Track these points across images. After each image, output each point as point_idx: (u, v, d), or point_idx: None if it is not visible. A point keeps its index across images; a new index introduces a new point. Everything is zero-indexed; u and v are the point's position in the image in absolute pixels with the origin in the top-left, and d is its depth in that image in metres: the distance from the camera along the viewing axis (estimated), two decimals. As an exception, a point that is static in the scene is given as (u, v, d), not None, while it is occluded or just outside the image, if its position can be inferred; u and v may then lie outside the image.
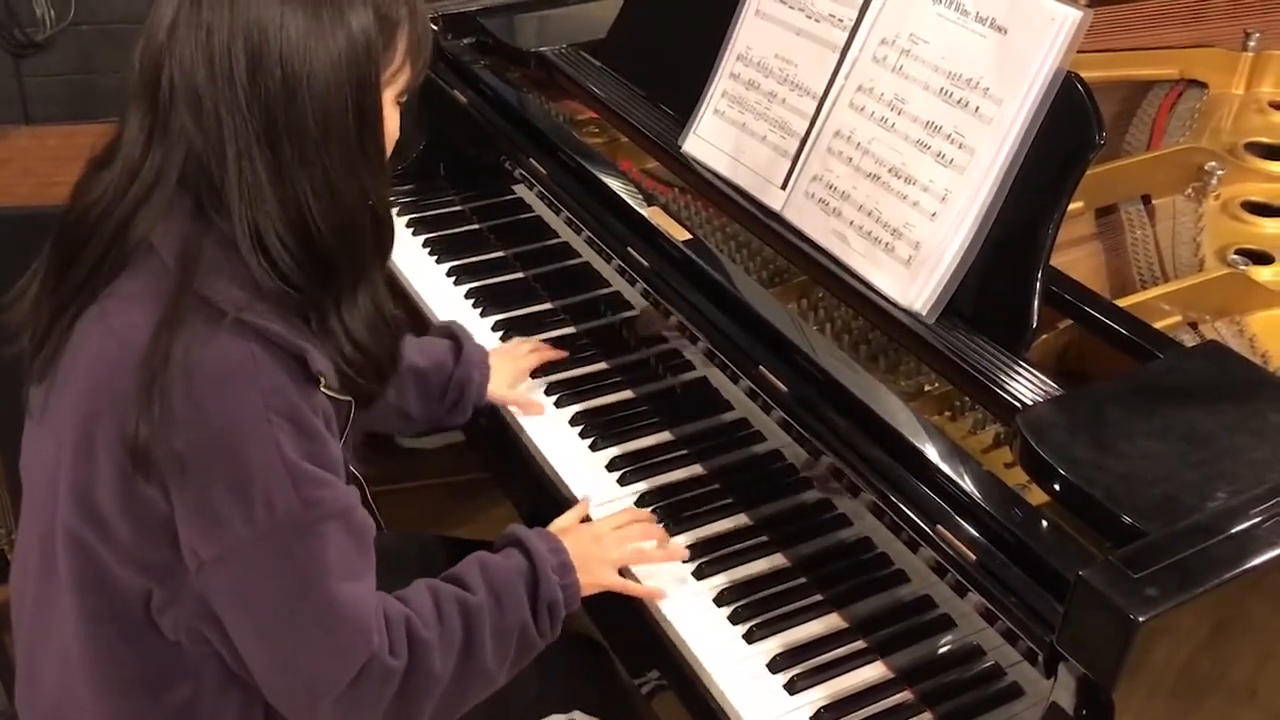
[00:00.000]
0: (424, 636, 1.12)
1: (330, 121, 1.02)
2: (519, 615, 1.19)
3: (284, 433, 1.01)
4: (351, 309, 1.09)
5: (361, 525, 1.09)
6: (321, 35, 1.01)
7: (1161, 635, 0.93)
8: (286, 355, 1.02)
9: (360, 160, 1.05)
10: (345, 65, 1.02)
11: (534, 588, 1.21)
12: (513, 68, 1.90)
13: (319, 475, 1.04)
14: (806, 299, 1.48)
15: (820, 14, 1.44)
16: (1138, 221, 1.58)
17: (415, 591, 1.17)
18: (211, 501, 1.00)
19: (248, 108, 1.00)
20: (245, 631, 1.07)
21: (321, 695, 1.07)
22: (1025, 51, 1.22)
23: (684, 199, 1.66)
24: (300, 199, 1.02)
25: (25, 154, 2.24)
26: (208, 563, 1.03)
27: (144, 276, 1.04)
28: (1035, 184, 1.23)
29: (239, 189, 1.01)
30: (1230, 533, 0.97)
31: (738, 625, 1.26)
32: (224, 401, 0.99)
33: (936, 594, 1.16)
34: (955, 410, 1.31)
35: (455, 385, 1.50)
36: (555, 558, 1.24)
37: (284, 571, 1.04)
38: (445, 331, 1.56)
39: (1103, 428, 1.09)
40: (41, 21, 2.34)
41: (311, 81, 1.00)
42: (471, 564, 1.22)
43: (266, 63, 0.99)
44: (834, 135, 1.39)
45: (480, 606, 1.17)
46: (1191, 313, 1.39)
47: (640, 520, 1.36)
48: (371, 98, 1.05)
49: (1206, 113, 1.80)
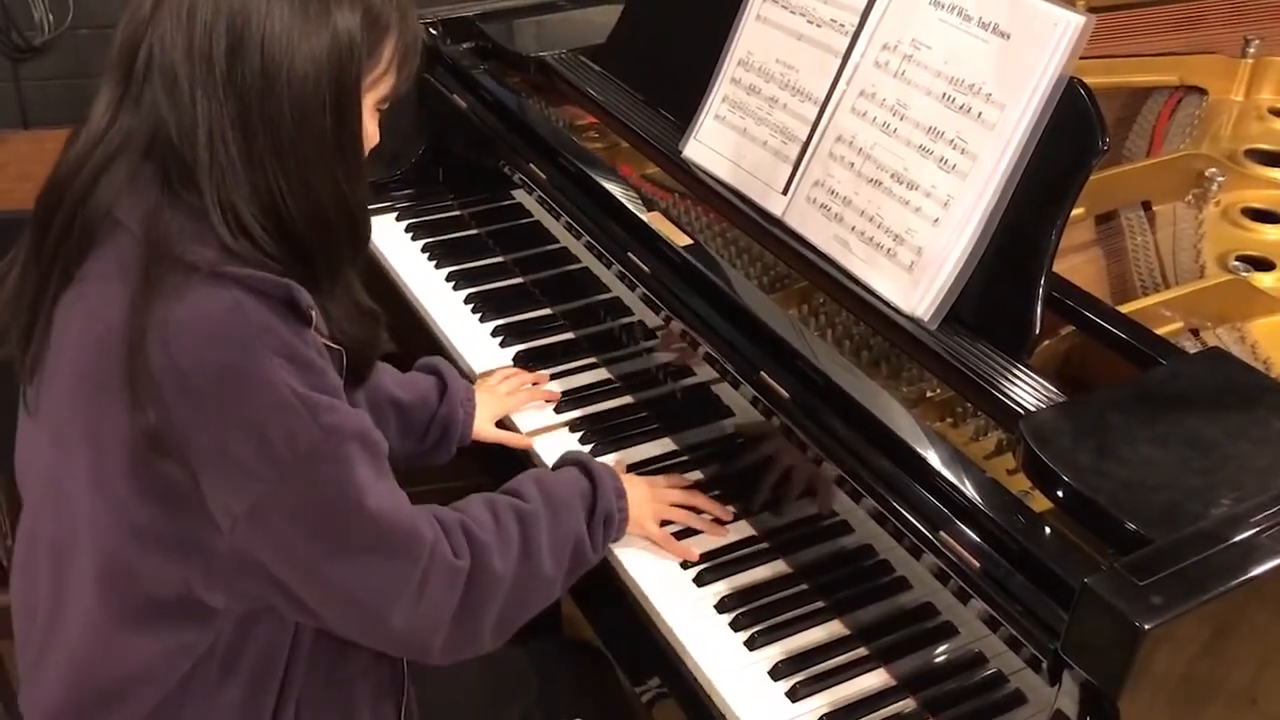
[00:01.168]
0: (482, 539, 1.15)
1: (306, 114, 1.02)
2: (574, 525, 1.23)
3: (285, 370, 1.00)
4: (327, 299, 1.09)
5: (377, 441, 1.09)
6: (306, 29, 1.01)
7: (1167, 643, 0.93)
8: (270, 297, 1.01)
9: (335, 156, 1.05)
10: (326, 62, 1.02)
11: (592, 501, 1.26)
12: (512, 72, 1.89)
13: (330, 402, 1.03)
14: (808, 305, 1.48)
15: (822, 19, 1.44)
16: (1138, 228, 1.58)
17: (468, 501, 1.20)
18: (234, 455, 1.00)
19: (224, 91, 1.00)
20: (298, 573, 1.06)
21: (393, 608, 1.08)
22: (1028, 57, 1.22)
23: (684, 204, 1.66)
24: (272, 185, 1.02)
25: (23, 158, 2.24)
26: (243, 516, 1.02)
27: (113, 253, 1.03)
28: (1038, 190, 1.23)
29: (210, 170, 1.01)
30: (1235, 540, 0.97)
31: (739, 632, 1.26)
32: (220, 355, 0.98)
33: (939, 601, 1.16)
34: (957, 416, 1.31)
35: (439, 423, 1.47)
36: (612, 480, 1.29)
37: (320, 502, 1.04)
38: (430, 367, 1.52)
39: (1106, 434, 1.09)
40: (40, 25, 2.34)
41: (290, 73, 1.00)
42: (526, 477, 1.26)
43: (247, 49, 0.99)
44: (836, 140, 1.39)
45: (536, 514, 1.20)
46: (1193, 319, 1.39)
47: (687, 487, 1.38)
48: (350, 98, 1.05)
49: (1206, 119, 1.80)
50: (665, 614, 1.28)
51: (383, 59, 1.08)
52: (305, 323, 1.04)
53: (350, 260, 1.12)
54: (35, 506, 1.15)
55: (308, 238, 1.05)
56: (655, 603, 1.29)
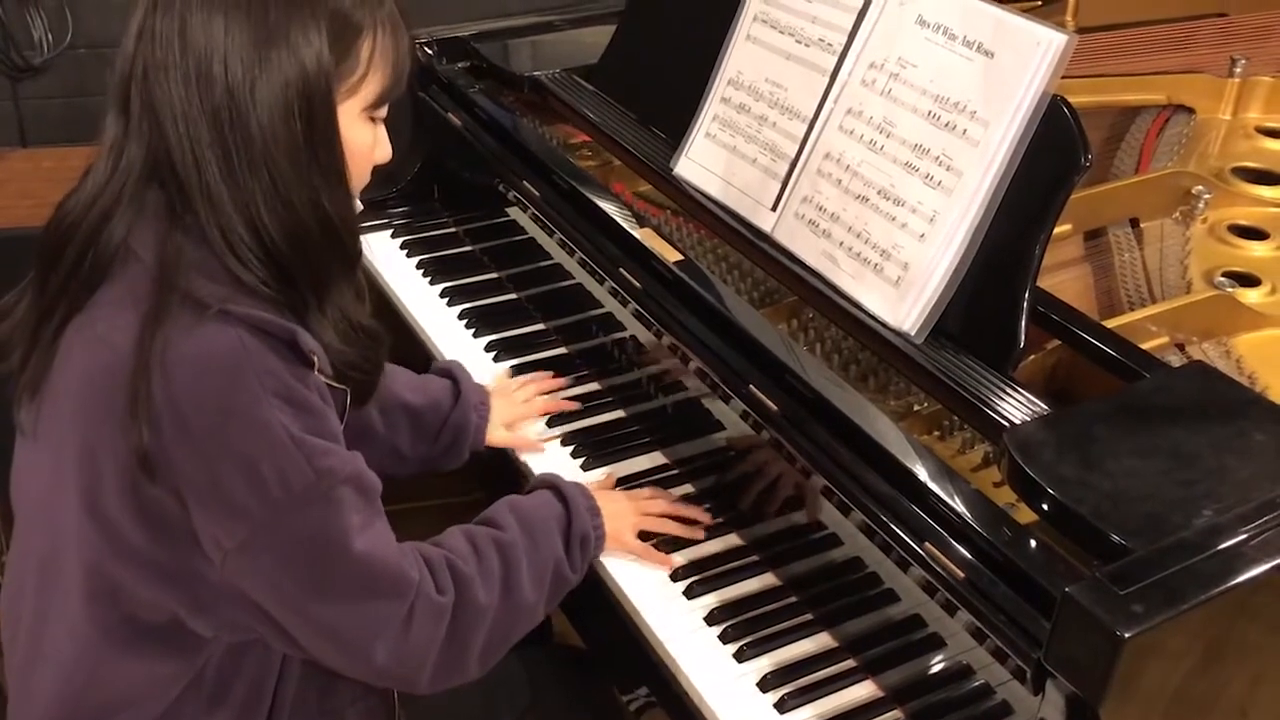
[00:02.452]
0: (466, 573, 1.16)
1: (275, 129, 1.03)
2: (553, 550, 1.24)
3: (284, 413, 1.01)
4: (319, 318, 1.09)
5: (371, 483, 1.11)
6: (267, 49, 1.02)
7: (1148, 652, 0.94)
8: (275, 339, 1.03)
9: (312, 170, 1.05)
10: (294, 74, 1.03)
11: (567, 524, 1.26)
12: (507, 91, 1.91)
13: (326, 446, 1.05)
14: (797, 319, 1.49)
15: (810, 39, 1.45)
16: (1126, 244, 1.59)
17: (448, 535, 1.21)
18: (226, 490, 1.01)
19: (198, 115, 1.01)
20: (286, 608, 1.08)
21: (376, 644, 1.09)
22: (1012, 75, 1.24)
23: (676, 221, 1.67)
24: (251, 205, 1.03)
25: (21, 176, 2.25)
26: (233, 551, 1.03)
27: (126, 281, 1.04)
28: (1022, 206, 1.24)
29: (200, 193, 1.03)
30: (1216, 550, 0.98)
31: (728, 644, 1.26)
32: (219, 391, 1.00)
33: (926, 613, 1.17)
34: (944, 430, 1.32)
35: (451, 427, 1.48)
36: (585, 500, 1.30)
37: (310, 543, 1.05)
38: (444, 371, 1.54)
39: (1090, 446, 1.10)
40: (39, 45, 2.36)
41: (255, 91, 1.02)
42: (501, 506, 1.26)
43: (212, 73, 1.01)
44: (824, 157, 1.41)
45: (514, 543, 1.21)
46: (1179, 334, 1.40)
47: (665, 498, 1.39)
48: (323, 108, 1.05)
49: (1194, 137, 1.82)
50: (655, 626, 1.29)
51: (360, 60, 1.07)
52: (308, 365, 1.05)
53: (340, 277, 1.11)
54: (26, 525, 1.16)
55: (291, 256, 1.05)
56: (645, 615, 1.30)
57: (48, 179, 2.22)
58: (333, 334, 1.10)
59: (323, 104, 1.05)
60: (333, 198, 1.07)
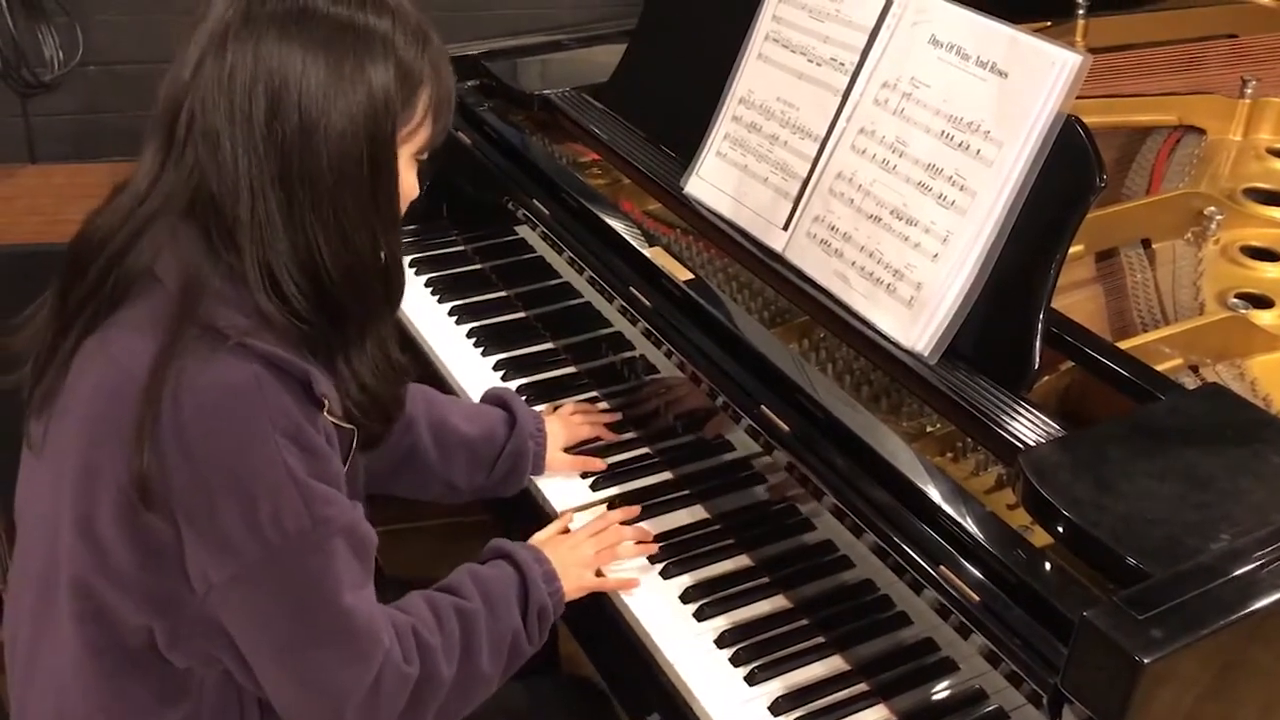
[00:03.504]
0: (431, 643, 1.15)
1: (345, 169, 1.03)
2: (511, 622, 1.23)
3: (289, 453, 1.01)
4: (359, 354, 1.10)
5: (365, 537, 1.10)
6: (341, 87, 1.02)
7: (1166, 678, 0.93)
8: (290, 378, 1.03)
9: (372, 210, 1.06)
10: (363, 117, 1.03)
11: (524, 595, 1.25)
12: (516, 110, 1.91)
13: (326, 492, 1.04)
14: (808, 339, 1.48)
15: (822, 58, 1.45)
16: (1138, 265, 1.59)
17: (411, 602, 1.19)
18: (221, 523, 1.00)
19: (264, 150, 1.01)
20: (262, 651, 1.07)
21: (344, 704, 1.08)
22: (1025, 95, 1.23)
23: (686, 240, 1.67)
24: (311, 242, 1.03)
25: (31, 192, 2.25)
26: (219, 585, 1.03)
27: (147, 306, 1.04)
28: (1036, 226, 1.24)
29: (250, 228, 1.02)
30: (1235, 574, 0.97)
31: (739, 667, 1.25)
32: (229, 423, 0.99)
33: (940, 636, 1.16)
34: (957, 451, 1.31)
35: (508, 457, 1.46)
36: (540, 566, 1.28)
37: (297, 588, 1.04)
38: (497, 399, 1.52)
39: (1105, 469, 1.09)
40: (50, 62, 2.36)
41: (328, 130, 1.02)
42: (462, 574, 1.25)
43: (285, 108, 1.01)
44: (835, 177, 1.40)
45: (476, 612, 1.20)
46: (1192, 356, 1.40)
47: (612, 523, 1.39)
48: (387, 152, 1.06)
49: (1205, 158, 1.81)
50: (665, 649, 1.28)
51: (417, 110, 1.09)
52: (318, 407, 1.05)
53: (386, 316, 1.14)
54: (26, 541, 1.15)
55: (345, 293, 1.06)
56: (655, 638, 1.29)
57: (57, 195, 2.22)
58: (370, 371, 1.11)
59: (386, 147, 1.06)
60: (390, 239, 1.09)
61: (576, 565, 1.32)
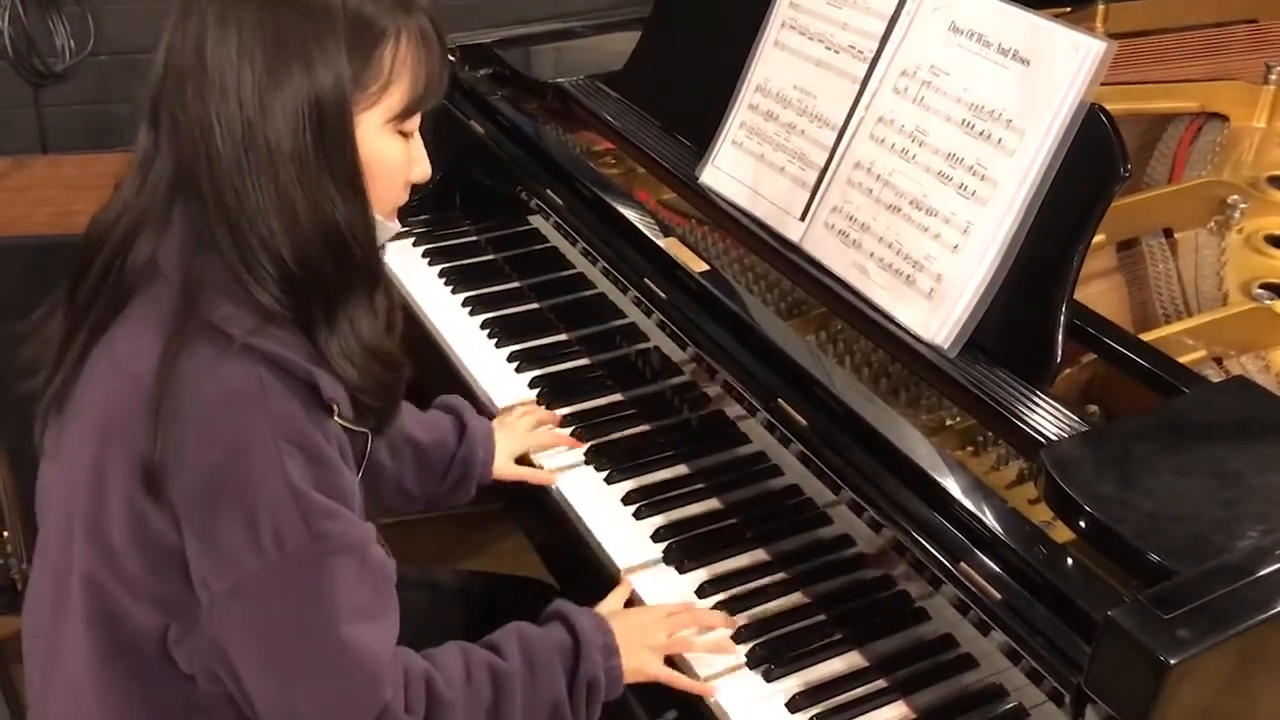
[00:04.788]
0: (446, 696, 1.09)
1: (282, 142, 1.00)
2: (554, 690, 1.15)
3: (293, 460, 0.99)
4: (346, 328, 1.06)
5: (377, 562, 1.06)
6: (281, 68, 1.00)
7: (1192, 678, 0.91)
8: (297, 381, 1.00)
9: (323, 182, 1.02)
10: (304, 91, 1.00)
11: (574, 665, 1.17)
12: (529, 99, 1.90)
13: (329, 506, 1.01)
14: (825, 331, 1.47)
15: (840, 45, 1.43)
16: (1160, 255, 1.57)
17: (445, 651, 1.14)
18: (221, 532, 0.99)
19: (214, 129, 0.99)
20: (253, 671, 1.04)
21: None
22: (1048, 83, 1.21)
23: (701, 230, 1.65)
24: (260, 219, 1.00)
25: (43, 183, 2.25)
26: (219, 596, 1.01)
27: (152, 303, 1.03)
28: (1059, 216, 1.22)
29: (216, 210, 1.01)
30: (1263, 573, 0.95)
31: (757, 664, 1.24)
32: (232, 427, 0.98)
33: (959, 632, 1.14)
34: (978, 445, 1.29)
35: (459, 464, 1.44)
36: (601, 638, 1.20)
37: (292, 608, 1.01)
38: (448, 406, 1.50)
39: (1129, 464, 1.08)
40: (61, 52, 2.35)
41: (265, 107, 0.99)
42: (510, 632, 1.18)
43: (227, 94, 0.99)
44: (854, 166, 1.38)
45: (513, 675, 1.13)
46: (1216, 347, 1.38)
47: (693, 612, 1.28)
48: (336, 119, 1.02)
49: (1228, 146, 1.79)
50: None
51: (382, 69, 1.03)
52: (327, 411, 1.02)
53: (352, 296, 1.06)
54: (43, 542, 1.15)
55: (299, 272, 1.02)
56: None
57: (69, 186, 2.21)
58: (341, 356, 1.05)
59: (336, 113, 1.01)
60: (346, 211, 1.03)
61: (643, 647, 1.22)
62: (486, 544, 2.42)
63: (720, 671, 1.24)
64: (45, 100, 2.40)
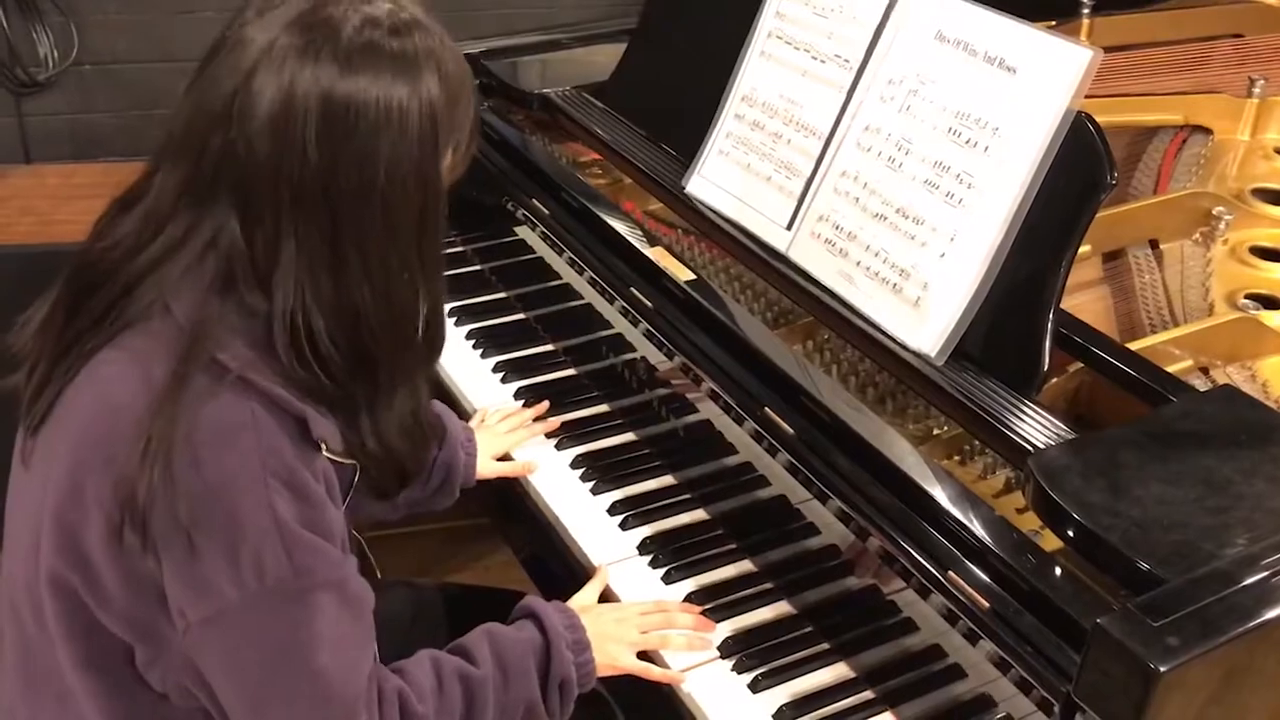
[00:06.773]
0: (418, 711, 1.09)
1: (397, 222, 0.99)
2: (527, 691, 1.16)
3: (280, 496, 0.97)
4: (386, 409, 1.06)
5: (357, 595, 1.05)
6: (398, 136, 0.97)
7: (1181, 685, 0.91)
8: (287, 417, 0.99)
9: (417, 262, 1.02)
10: (415, 167, 0.99)
11: (545, 663, 1.18)
12: (516, 109, 1.89)
13: (313, 542, 1.00)
14: (812, 340, 1.46)
15: (826, 55, 1.43)
16: (1145, 266, 1.57)
17: (415, 663, 1.13)
18: (202, 562, 0.97)
19: (316, 204, 0.96)
20: (231, 698, 1.03)
21: None
22: (1035, 91, 1.21)
23: (688, 240, 1.65)
24: (357, 299, 0.99)
25: (25, 193, 2.23)
26: (195, 625, 0.99)
27: (152, 335, 1.00)
28: (1046, 225, 1.22)
29: (291, 283, 0.98)
30: (1251, 581, 0.95)
31: (742, 674, 1.23)
32: (221, 460, 0.96)
33: (947, 642, 1.14)
34: (965, 454, 1.29)
35: (440, 468, 1.44)
36: (571, 634, 1.20)
37: (271, 639, 1.00)
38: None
39: (1117, 472, 1.07)
40: (44, 61, 2.35)
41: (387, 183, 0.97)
42: (480, 635, 1.18)
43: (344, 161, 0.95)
44: (840, 175, 1.38)
45: (484, 680, 1.13)
46: (1202, 357, 1.37)
47: (665, 607, 1.29)
48: (436, 198, 1.02)
49: (1212, 158, 1.79)
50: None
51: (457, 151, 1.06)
52: (315, 449, 1.01)
53: (421, 370, 1.09)
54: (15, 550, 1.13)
55: (380, 350, 1.02)
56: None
57: (51, 196, 2.20)
58: (396, 428, 1.06)
59: (436, 194, 1.02)
60: (431, 288, 1.05)
61: (616, 642, 1.24)
62: (473, 559, 2.40)
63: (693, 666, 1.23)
64: (28, 110, 2.39)
